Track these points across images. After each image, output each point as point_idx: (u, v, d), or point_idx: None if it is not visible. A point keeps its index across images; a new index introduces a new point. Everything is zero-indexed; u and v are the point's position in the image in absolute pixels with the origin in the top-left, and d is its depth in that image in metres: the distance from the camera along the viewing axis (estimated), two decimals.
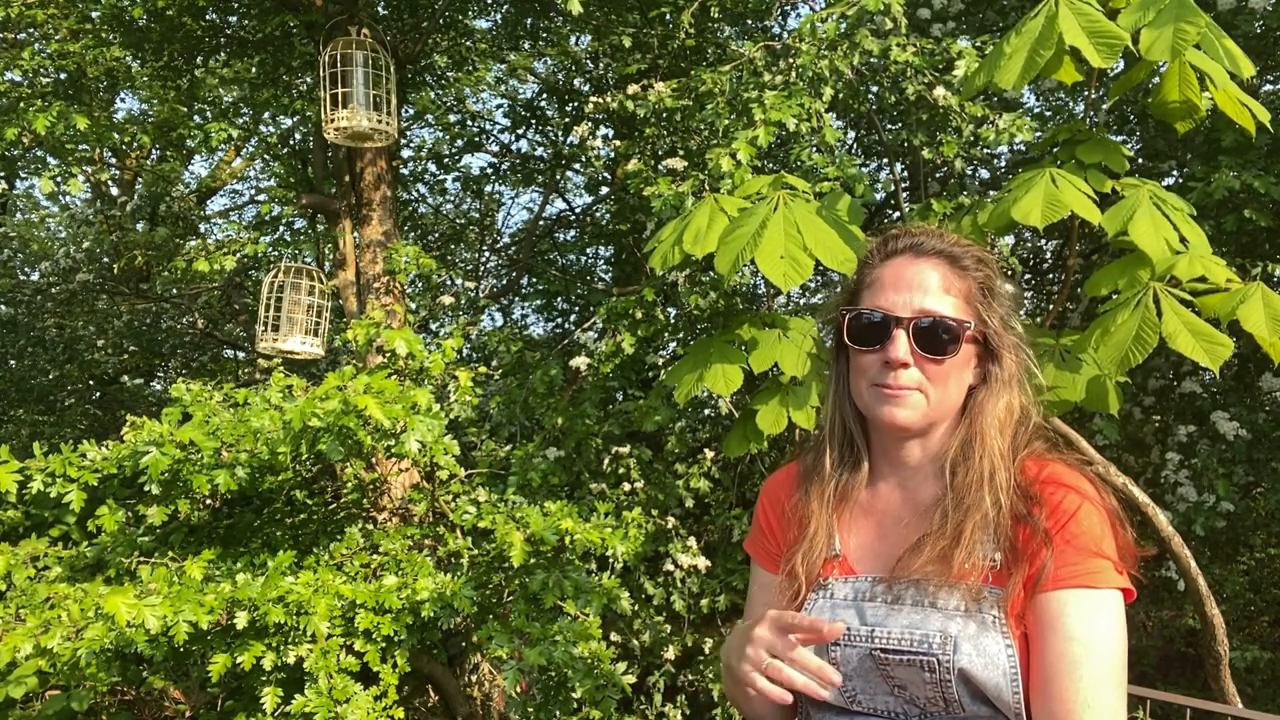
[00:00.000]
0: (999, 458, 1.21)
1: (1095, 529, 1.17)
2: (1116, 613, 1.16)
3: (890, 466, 1.31)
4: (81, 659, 2.63)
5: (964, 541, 1.17)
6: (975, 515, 1.18)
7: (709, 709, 4.47)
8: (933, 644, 1.16)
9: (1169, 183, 5.35)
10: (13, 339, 8.24)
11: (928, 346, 1.22)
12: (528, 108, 7.29)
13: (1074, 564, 1.15)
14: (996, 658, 1.14)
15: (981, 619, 1.16)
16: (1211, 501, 4.76)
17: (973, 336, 1.25)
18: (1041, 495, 1.19)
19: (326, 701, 2.79)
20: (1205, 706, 2.84)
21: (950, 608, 1.17)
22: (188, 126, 5.39)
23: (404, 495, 3.87)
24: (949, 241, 1.29)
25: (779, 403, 2.80)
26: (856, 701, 1.23)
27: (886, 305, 1.24)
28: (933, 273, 1.25)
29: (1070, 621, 1.14)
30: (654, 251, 2.78)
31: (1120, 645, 1.15)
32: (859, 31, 3.80)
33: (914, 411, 1.23)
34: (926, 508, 1.25)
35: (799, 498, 1.34)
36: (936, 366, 1.22)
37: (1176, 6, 2.09)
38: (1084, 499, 1.19)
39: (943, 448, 1.26)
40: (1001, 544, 1.19)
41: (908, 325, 1.22)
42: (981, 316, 1.25)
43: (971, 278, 1.26)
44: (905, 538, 1.25)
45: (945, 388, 1.24)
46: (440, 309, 5.74)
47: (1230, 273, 2.27)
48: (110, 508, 3.09)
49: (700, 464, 4.64)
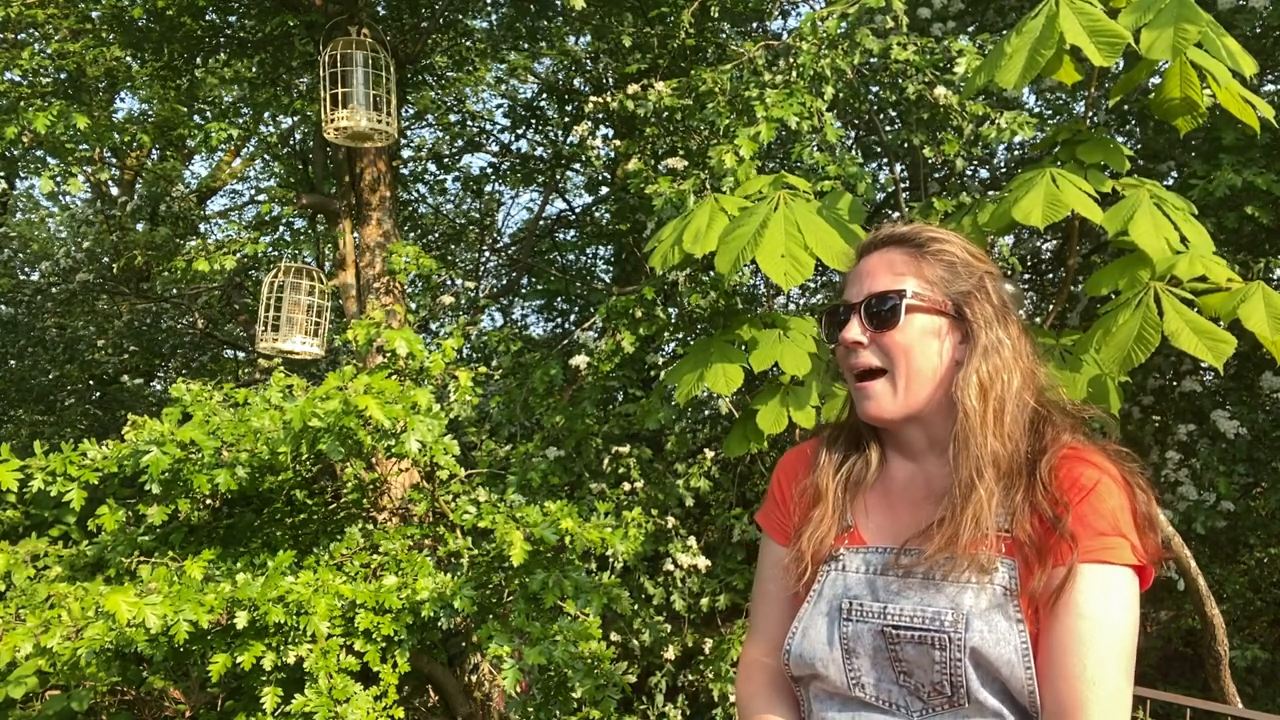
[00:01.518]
0: (988, 431, 1.20)
1: (1114, 505, 1.16)
2: (1130, 591, 1.15)
3: (901, 452, 1.33)
4: (81, 658, 2.63)
5: (966, 522, 1.17)
6: (975, 494, 1.18)
7: (709, 709, 4.47)
8: (944, 621, 1.16)
9: (1168, 183, 5.35)
10: (13, 339, 8.24)
11: (875, 321, 1.26)
12: (527, 108, 7.29)
13: (1089, 539, 1.14)
14: (1008, 635, 1.14)
15: (993, 593, 1.16)
16: (1212, 501, 4.76)
17: (928, 308, 1.25)
18: (1058, 469, 1.19)
19: (326, 701, 2.79)
20: (1205, 706, 2.84)
21: (962, 581, 1.18)
22: (188, 126, 5.40)
23: (404, 495, 3.87)
24: (903, 229, 1.32)
25: (779, 402, 2.80)
26: (860, 685, 1.22)
27: (847, 298, 1.31)
28: (884, 260, 1.29)
29: (1082, 597, 1.13)
30: (654, 251, 2.77)
31: (1131, 624, 1.15)
32: (859, 30, 3.80)
33: (882, 399, 1.25)
34: (940, 491, 1.25)
35: (809, 482, 1.36)
36: (888, 338, 1.25)
37: (1177, 6, 2.09)
38: (1103, 474, 1.18)
39: (945, 432, 1.26)
40: (1016, 520, 1.18)
41: (859, 308, 1.28)
42: (942, 290, 1.26)
43: (926, 253, 1.28)
44: (917, 517, 1.26)
45: (909, 364, 1.24)
46: (440, 309, 5.74)
47: (1231, 272, 2.27)
48: (110, 507, 3.09)
49: (700, 464, 4.63)
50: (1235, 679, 3.40)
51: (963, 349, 1.26)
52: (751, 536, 4.67)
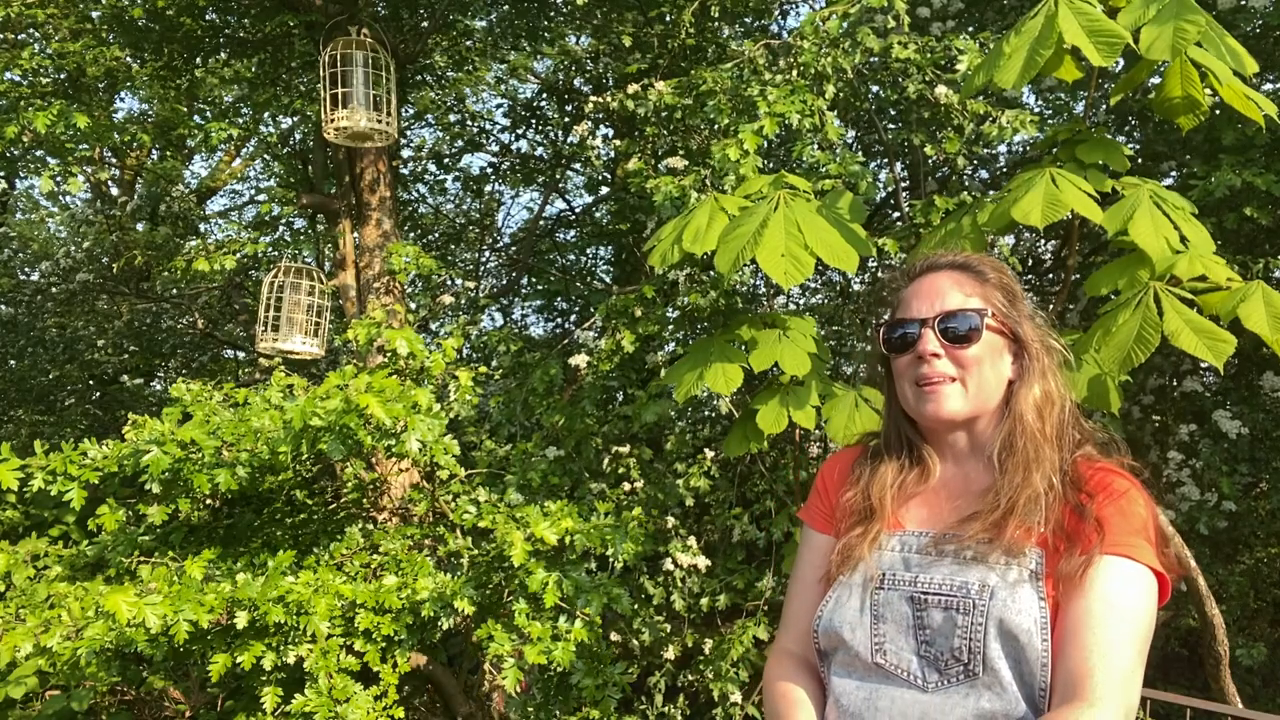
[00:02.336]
0: (1042, 440, 1.33)
1: (1142, 513, 1.27)
2: (1149, 589, 1.24)
3: (941, 453, 1.43)
4: (81, 658, 2.63)
5: (1016, 513, 1.27)
6: (1025, 492, 1.28)
7: (709, 709, 4.47)
8: (971, 590, 1.26)
9: (1168, 183, 5.35)
10: (13, 339, 8.24)
11: (952, 337, 1.37)
12: (528, 108, 7.29)
13: (1118, 534, 1.24)
14: (1030, 608, 1.23)
15: (1020, 573, 1.25)
16: (1214, 500, 4.76)
17: (998, 328, 1.38)
18: (1092, 478, 1.30)
19: (326, 701, 2.79)
20: (1205, 706, 2.84)
21: (990, 561, 1.27)
22: (188, 126, 5.40)
23: (404, 495, 3.87)
24: (962, 256, 1.46)
25: (779, 402, 2.80)
26: (882, 651, 1.30)
27: (913, 314, 1.41)
28: (949, 280, 1.41)
29: (1103, 584, 1.22)
30: (654, 250, 2.77)
31: (1147, 618, 1.22)
32: (860, 29, 3.79)
33: (952, 400, 1.36)
34: (979, 493, 1.36)
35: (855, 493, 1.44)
36: (964, 353, 1.36)
37: (1176, 5, 2.09)
38: (1133, 485, 1.30)
39: (990, 439, 1.38)
40: (1051, 521, 1.28)
41: (933, 323, 1.38)
42: (1003, 311, 1.39)
43: (989, 282, 1.41)
44: (956, 507, 1.37)
45: (980, 374, 1.36)
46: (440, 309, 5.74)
47: (1231, 271, 2.27)
48: (111, 507, 3.09)
49: (700, 464, 4.63)
50: (1235, 679, 3.40)
51: (1016, 367, 1.39)
52: (752, 536, 4.67)
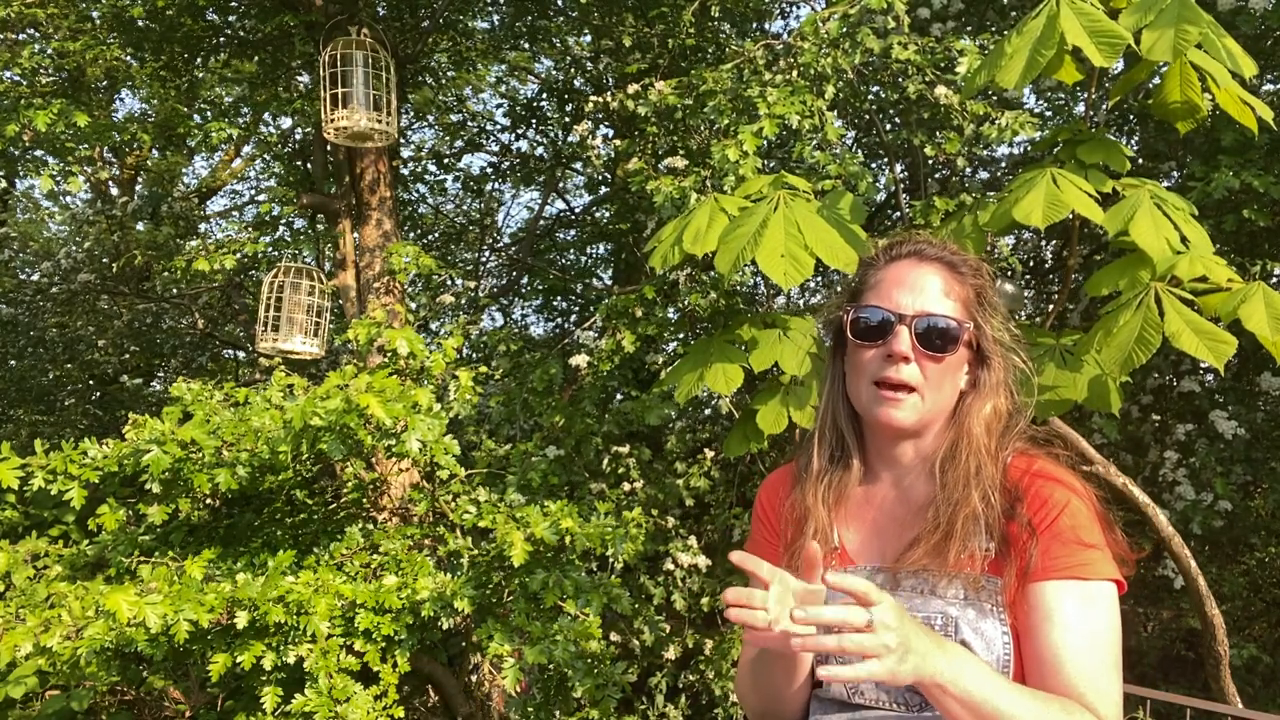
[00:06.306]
0: (985, 455, 1.26)
1: (1084, 521, 1.21)
2: (1111, 603, 1.20)
3: (885, 465, 1.35)
4: (81, 658, 2.63)
5: (955, 535, 1.21)
6: (964, 510, 1.22)
7: (709, 709, 4.47)
8: (934, 625, 1.20)
9: (1168, 184, 5.35)
10: (13, 339, 8.23)
11: (928, 344, 1.26)
12: (528, 108, 7.28)
13: (1066, 555, 1.19)
14: (994, 642, 1.19)
15: (980, 606, 1.21)
16: (1209, 500, 4.77)
17: (968, 341, 1.30)
18: (1029, 489, 1.24)
19: (326, 701, 2.79)
20: (1205, 706, 2.84)
21: (949, 595, 1.22)
22: (188, 126, 5.39)
23: (404, 495, 3.87)
24: (949, 250, 1.35)
25: (779, 402, 2.80)
26: (858, 692, 1.26)
27: (891, 304, 1.29)
28: (934, 277, 1.30)
29: (1068, 613, 1.17)
30: (654, 251, 2.78)
31: (1116, 634, 1.20)
32: (861, 30, 3.80)
33: (910, 413, 1.27)
34: (921, 506, 1.29)
35: (795, 497, 1.37)
36: (935, 365, 1.27)
37: (1178, 6, 2.09)
38: (1073, 493, 1.23)
39: (934, 448, 1.31)
40: (995, 537, 1.23)
41: (910, 322, 1.27)
42: (976, 322, 1.31)
43: (969, 285, 1.32)
44: (901, 534, 1.30)
45: (940, 388, 1.28)
46: (440, 309, 5.74)
47: (1231, 272, 2.28)
48: (111, 506, 3.09)
49: (700, 464, 4.63)
50: (1235, 679, 3.40)
51: (970, 378, 1.32)
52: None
